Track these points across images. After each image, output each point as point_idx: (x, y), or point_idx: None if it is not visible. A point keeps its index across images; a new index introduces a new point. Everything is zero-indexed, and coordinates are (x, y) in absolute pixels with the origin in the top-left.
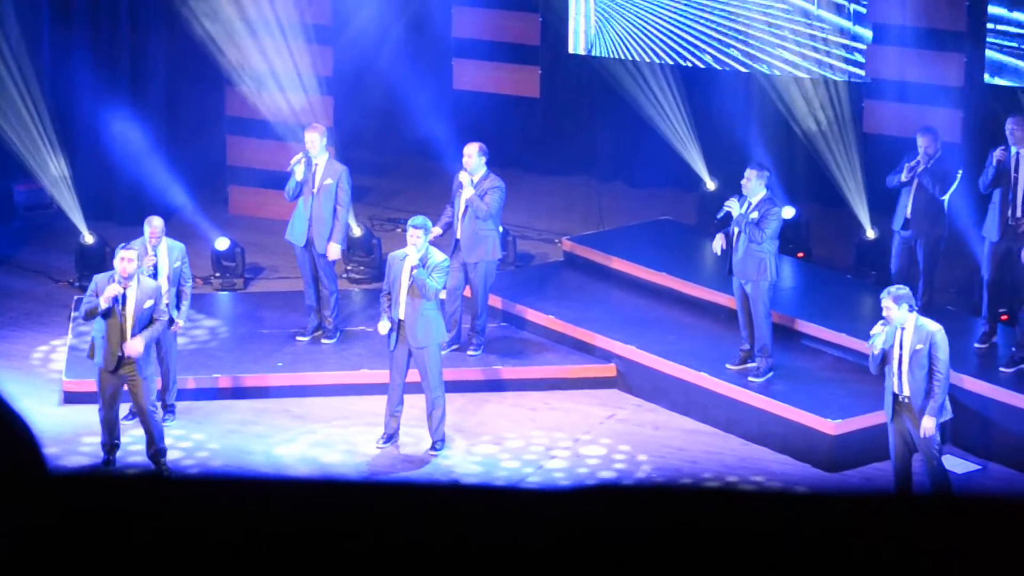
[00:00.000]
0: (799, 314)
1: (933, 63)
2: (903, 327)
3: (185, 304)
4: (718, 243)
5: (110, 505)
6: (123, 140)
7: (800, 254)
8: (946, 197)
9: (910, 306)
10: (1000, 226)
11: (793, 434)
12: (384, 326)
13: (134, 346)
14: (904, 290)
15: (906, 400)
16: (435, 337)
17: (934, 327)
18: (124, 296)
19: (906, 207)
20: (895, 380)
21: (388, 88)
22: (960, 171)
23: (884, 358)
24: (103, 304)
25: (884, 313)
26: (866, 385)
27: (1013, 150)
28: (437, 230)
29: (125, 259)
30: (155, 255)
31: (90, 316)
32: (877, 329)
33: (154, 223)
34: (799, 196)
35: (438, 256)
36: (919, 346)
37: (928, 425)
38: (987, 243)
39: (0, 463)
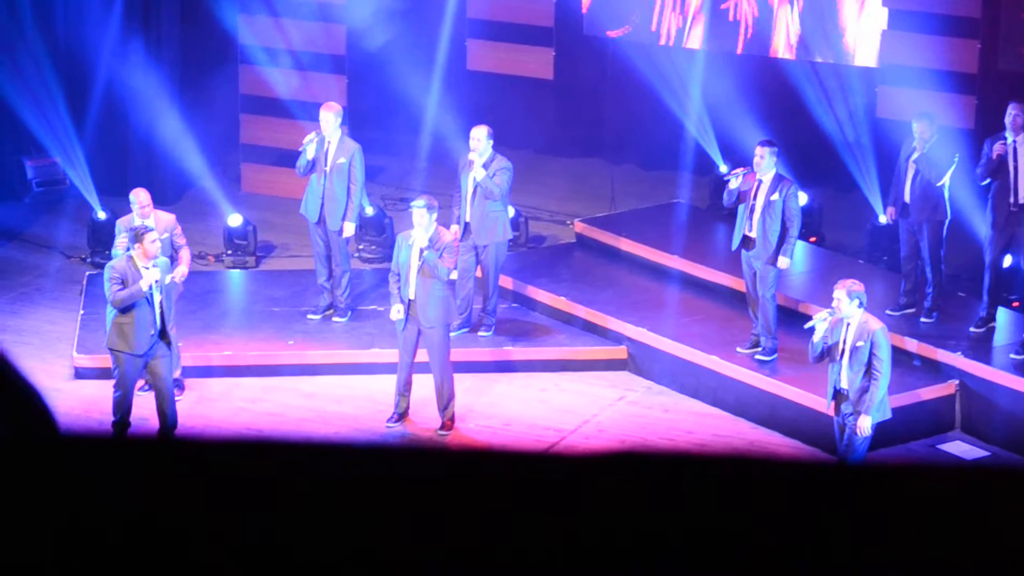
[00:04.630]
0: (811, 299)
1: (947, 49)
2: (849, 323)
3: (183, 267)
4: (736, 180)
5: (123, 470)
6: (136, 116)
7: (813, 238)
8: (944, 182)
9: (860, 302)
10: (1003, 213)
11: (803, 418)
12: (396, 312)
13: (149, 276)
14: (859, 286)
15: (845, 393)
16: (445, 317)
17: (876, 325)
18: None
19: (903, 193)
20: (836, 374)
21: (402, 68)
22: (957, 155)
23: (827, 352)
24: (145, 291)
25: (834, 304)
26: None
27: (1010, 138)
28: (456, 227)
29: (157, 241)
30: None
31: (128, 306)
32: (823, 315)
33: (140, 196)
34: (812, 181)
35: (448, 236)
36: (860, 343)
37: (863, 424)
38: (988, 230)
39: (13, 431)
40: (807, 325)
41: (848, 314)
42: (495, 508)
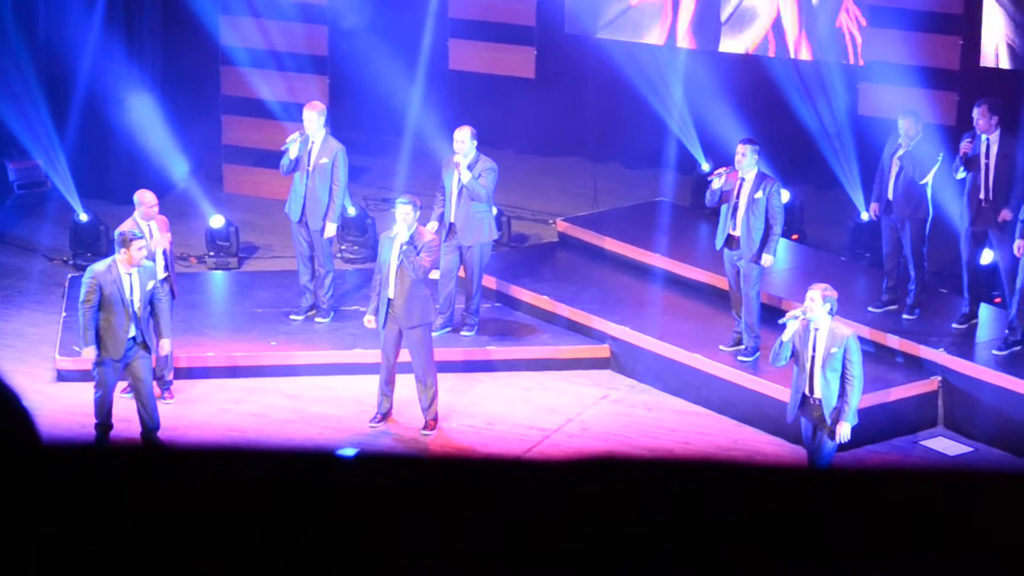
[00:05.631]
0: (793, 296)
1: (929, 45)
2: (817, 328)
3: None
4: (719, 180)
5: (104, 475)
6: (118, 118)
7: (795, 236)
8: (928, 180)
9: (832, 308)
10: (973, 210)
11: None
12: (368, 321)
13: (165, 347)
14: (833, 292)
15: (816, 402)
16: (425, 317)
17: (848, 332)
18: (131, 284)
19: (886, 190)
20: (805, 381)
21: (383, 67)
22: (941, 154)
23: (794, 357)
24: (83, 354)
25: (806, 303)
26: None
27: (983, 137)
28: (434, 224)
29: (144, 249)
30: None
31: (108, 316)
32: (796, 312)
33: (147, 196)
34: (794, 178)
35: (428, 235)
36: (834, 350)
37: (843, 431)
38: (963, 227)
39: None
40: (781, 320)
41: (818, 317)
42: (479, 513)
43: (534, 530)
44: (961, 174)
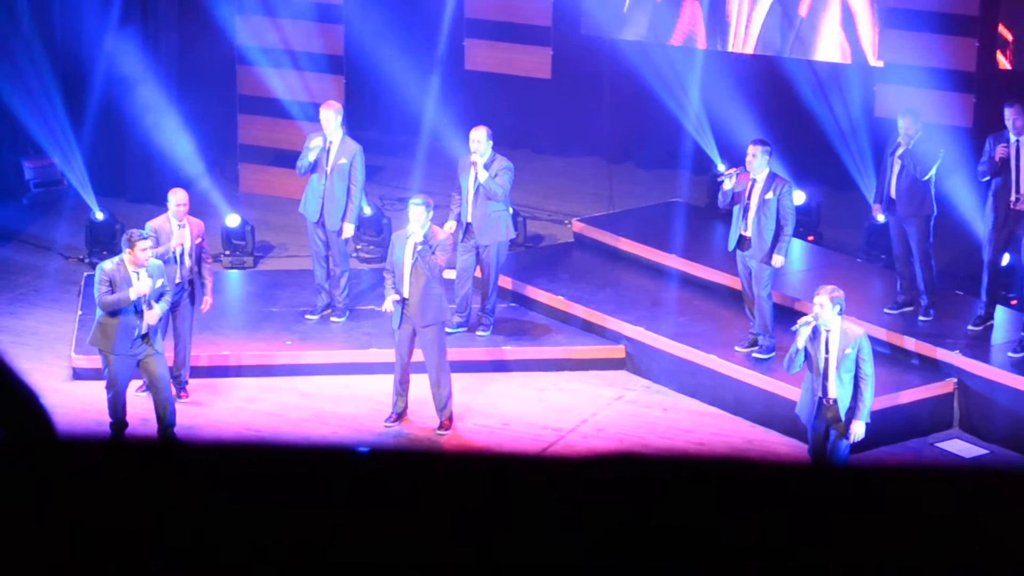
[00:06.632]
0: (808, 297)
1: (945, 47)
2: (829, 330)
3: (209, 281)
4: (730, 181)
5: (120, 470)
6: (134, 117)
7: (811, 237)
8: (930, 177)
9: (841, 309)
10: (1003, 211)
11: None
12: (389, 303)
13: (150, 317)
14: (840, 293)
15: (832, 403)
16: (439, 316)
17: (859, 331)
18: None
19: (889, 189)
20: (819, 384)
21: (399, 67)
22: (942, 151)
23: (807, 360)
24: (132, 300)
25: (815, 310)
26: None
27: (1012, 138)
28: (451, 224)
29: (148, 249)
30: (176, 242)
31: (116, 311)
32: (807, 318)
33: (179, 195)
34: (810, 179)
35: (442, 234)
36: (848, 351)
37: (858, 430)
38: (988, 228)
39: (10, 433)
40: (794, 328)
41: (828, 320)
42: (494, 510)
43: (549, 528)
44: (986, 178)
